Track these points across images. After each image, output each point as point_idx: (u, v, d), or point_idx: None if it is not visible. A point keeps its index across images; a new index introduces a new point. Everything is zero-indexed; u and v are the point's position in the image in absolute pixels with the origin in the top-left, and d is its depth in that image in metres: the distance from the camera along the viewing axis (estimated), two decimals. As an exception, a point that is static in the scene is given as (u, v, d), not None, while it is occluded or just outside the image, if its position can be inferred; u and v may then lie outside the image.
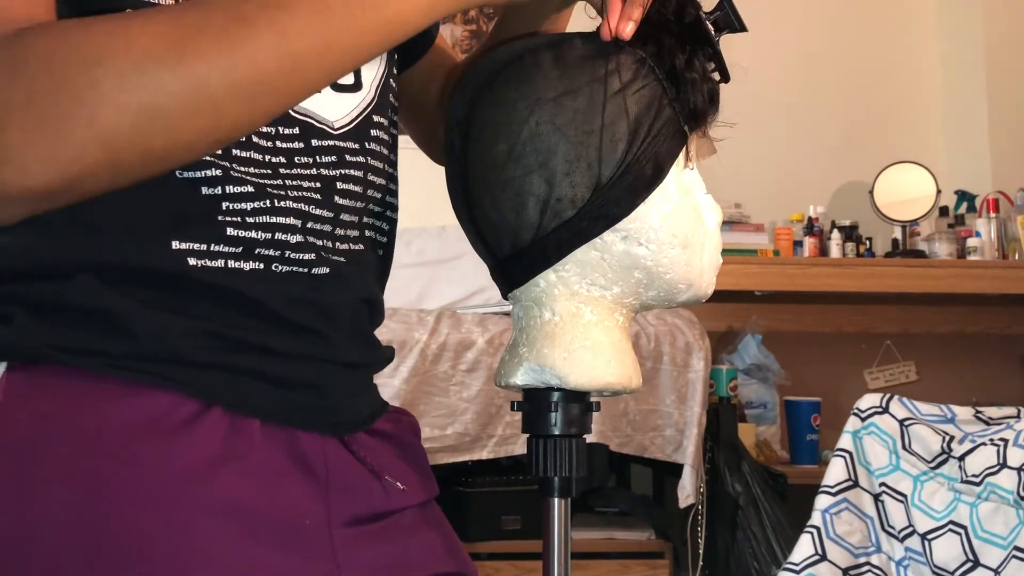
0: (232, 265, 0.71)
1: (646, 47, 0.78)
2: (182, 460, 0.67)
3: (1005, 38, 3.54)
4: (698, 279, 0.83)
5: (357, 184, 0.78)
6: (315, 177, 0.75)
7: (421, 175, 1.54)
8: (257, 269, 0.72)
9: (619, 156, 0.77)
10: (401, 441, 0.85)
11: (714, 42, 0.79)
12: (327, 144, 0.76)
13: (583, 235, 0.78)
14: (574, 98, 0.77)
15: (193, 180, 0.70)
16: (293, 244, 0.73)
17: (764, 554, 2.49)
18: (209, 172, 0.70)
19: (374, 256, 0.84)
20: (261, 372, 0.72)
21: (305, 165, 0.75)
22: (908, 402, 1.73)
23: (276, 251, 0.72)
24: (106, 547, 0.65)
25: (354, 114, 0.79)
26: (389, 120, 0.84)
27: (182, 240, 0.69)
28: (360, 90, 0.80)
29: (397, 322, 2.52)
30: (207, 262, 0.70)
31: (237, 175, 0.71)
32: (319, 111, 0.76)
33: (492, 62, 0.81)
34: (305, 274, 0.74)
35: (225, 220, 0.71)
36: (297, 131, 0.75)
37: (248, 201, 0.71)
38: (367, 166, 0.80)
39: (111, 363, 0.68)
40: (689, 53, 0.78)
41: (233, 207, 0.71)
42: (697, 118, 0.79)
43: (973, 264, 3.16)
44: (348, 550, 0.74)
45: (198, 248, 0.70)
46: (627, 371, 0.81)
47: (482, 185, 0.79)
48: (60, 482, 0.66)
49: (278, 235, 0.72)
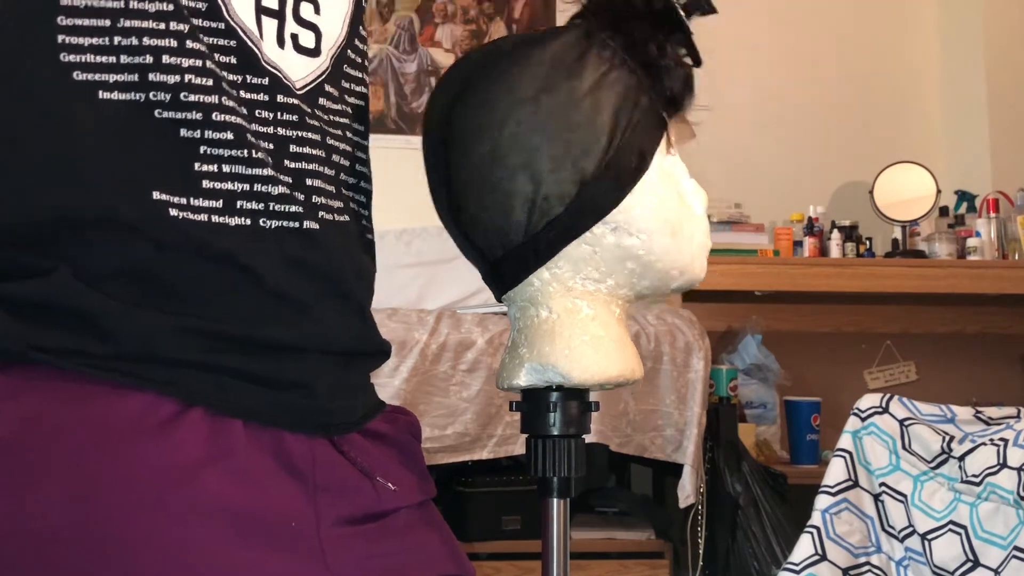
0: (216, 220, 0.69)
1: (617, 38, 0.79)
2: (165, 461, 0.66)
3: (1005, 38, 3.54)
4: (690, 264, 0.83)
5: (317, 148, 0.77)
6: (271, 137, 0.73)
7: (421, 175, 1.54)
8: (244, 225, 0.70)
9: (602, 149, 0.77)
10: (397, 441, 0.84)
11: (686, 26, 0.79)
12: (291, 102, 0.75)
13: (573, 230, 0.78)
14: (552, 95, 0.77)
15: (174, 120, 0.69)
16: (275, 196, 0.71)
17: (764, 554, 2.49)
18: (190, 115, 0.69)
19: (358, 228, 0.82)
20: (244, 372, 0.70)
21: (263, 121, 0.73)
22: (908, 402, 1.73)
23: (259, 204, 0.70)
24: (91, 549, 0.64)
25: (310, 78, 0.78)
26: (346, 91, 0.82)
27: (163, 191, 0.67)
28: (318, 56, 0.79)
29: (397, 322, 2.52)
30: (188, 215, 0.68)
31: (219, 119, 0.70)
32: (284, 67, 0.75)
33: (467, 65, 0.81)
34: (296, 230, 0.72)
35: (201, 171, 0.69)
36: (267, 82, 0.74)
37: (226, 148, 0.70)
38: (324, 131, 0.78)
39: (91, 363, 0.66)
40: (660, 40, 0.79)
41: (211, 152, 0.69)
42: (674, 104, 0.80)
43: (973, 264, 3.15)
44: (338, 551, 0.73)
45: (178, 201, 0.68)
46: (629, 363, 0.81)
47: (467, 189, 0.79)
48: (43, 484, 0.65)
49: (257, 187, 0.70)
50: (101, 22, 0.68)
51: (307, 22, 0.78)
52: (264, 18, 0.74)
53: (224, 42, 0.72)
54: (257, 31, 0.74)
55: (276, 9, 0.75)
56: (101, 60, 0.68)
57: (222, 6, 0.72)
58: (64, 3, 0.68)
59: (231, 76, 0.72)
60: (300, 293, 0.72)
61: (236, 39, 0.73)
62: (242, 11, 0.73)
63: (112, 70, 0.68)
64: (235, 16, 0.73)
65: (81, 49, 0.68)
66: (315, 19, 0.79)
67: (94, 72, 0.68)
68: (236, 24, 0.72)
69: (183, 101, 0.69)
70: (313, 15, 0.79)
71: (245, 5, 0.73)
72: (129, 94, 0.68)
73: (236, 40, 0.73)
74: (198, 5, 0.71)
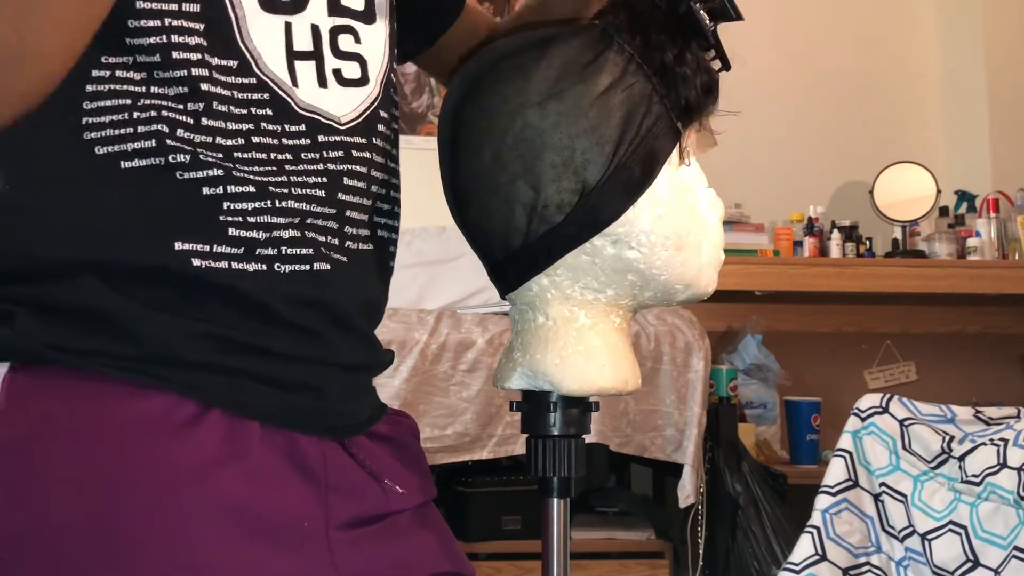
0: (236, 267, 0.71)
1: (634, 43, 0.77)
2: (181, 461, 0.67)
3: (1005, 38, 3.54)
4: (696, 278, 0.81)
5: (361, 180, 0.78)
6: (321, 172, 0.75)
7: (421, 175, 1.54)
8: (261, 271, 0.72)
9: (606, 159, 0.75)
10: (400, 444, 0.85)
11: (708, 33, 0.77)
12: (334, 139, 0.76)
13: (571, 241, 0.77)
14: (559, 101, 0.76)
15: (195, 180, 0.70)
16: (286, 240, 0.73)
17: (764, 554, 2.49)
18: (211, 172, 0.71)
19: (383, 255, 0.83)
20: (260, 374, 0.71)
21: (312, 161, 0.75)
22: (908, 402, 1.73)
23: (273, 250, 0.72)
24: (106, 547, 0.65)
25: (361, 108, 0.79)
26: (391, 115, 0.84)
27: (185, 241, 0.70)
28: (367, 84, 0.80)
29: (397, 322, 2.52)
30: (211, 263, 0.70)
31: (239, 175, 0.71)
32: (324, 107, 0.76)
33: (478, 63, 0.80)
34: (307, 272, 0.74)
35: (227, 220, 0.71)
36: (303, 128, 0.75)
37: (249, 201, 0.72)
38: (371, 162, 0.79)
39: (111, 364, 0.67)
40: (680, 46, 0.76)
41: (234, 207, 0.71)
42: (690, 113, 0.78)
43: (973, 264, 3.15)
44: (346, 552, 0.73)
45: (201, 249, 0.70)
46: (622, 374, 0.80)
47: (471, 191, 0.79)
48: (60, 482, 0.65)
49: (275, 233, 0.72)
50: (122, 101, 0.70)
51: (349, 53, 0.79)
52: (298, 63, 0.75)
53: (258, 96, 0.73)
54: (290, 79, 0.75)
55: (311, 51, 0.76)
56: (120, 132, 0.70)
57: (252, 62, 0.73)
58: (89, 90, 0.70)
59: (270, 126, 0.73)
60: (310, 324, 0.74)
61: (268, 92, 0.74)
62: (273, 62, 0.74)
63: (130, 139, 0.70)
64: (265, 69, 0.74)
65: (102, 126, 0.70)
66: (357, 48, 0.79)
67: (113, 144, 0.70)
68: (267, 77, 0.74)
69: (202, 161, 0.70)
70: (354, 45, 0.79)
71: (276, 55, 0.74)
72: (149, 159, 0.70)
73: (269, 92, 0.74)
74: (230, 64, 0.72)
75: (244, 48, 0.73)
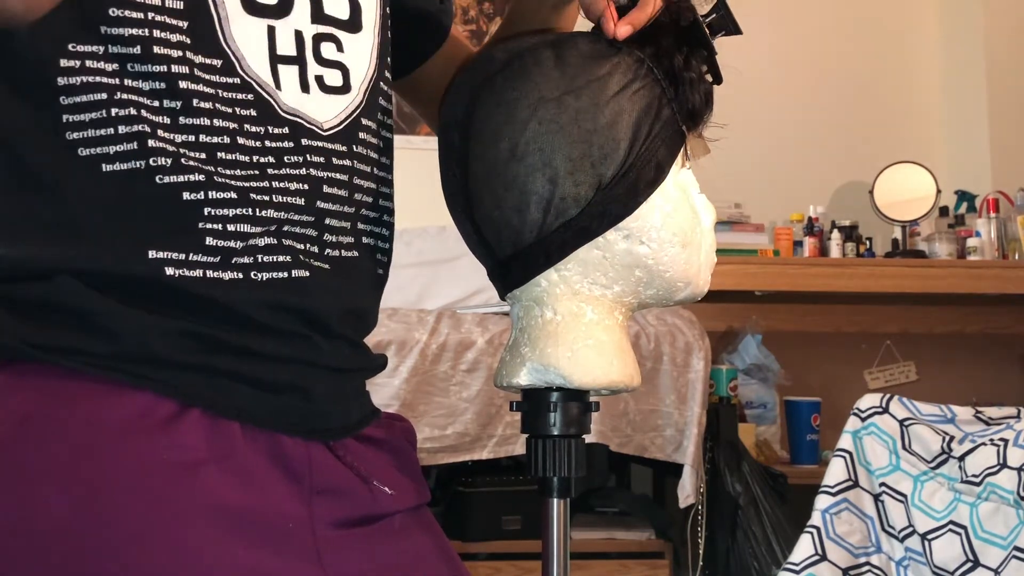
0: (211, 275, 0.71)
1: (645, 48, 0.79)
2: (163, 460, 0.67)
3: (1005, 38, 3.54)
4: (696, 277, 0.84)
5: (342, 188, 0.78)
6: (303, 178, 0.75)
7: (421, 175, 1.54)
8: (236, 278, 0.71)
9: (622, 155, 0.78)
10: (393, 447, 0.84)
11: (710, 45, 0.80)
12: (317, 145, 0.76)
13: (586, 234, 0.78)
14: (576, 97, 0.78)
15: (175, 184, 0.70)
16: (262, 247, 0.72)
17: (764, 554, 2.49)
18: (192, 177, 0.70)
19: (371, 263, 0.83)
20: (240, 374, 0.71)
21: (294, 165, 0.75)
22: (908, 402, 1.73)
23: (250, 258, 0.72)
24: (88, 546, 0.65)
25: (343, 116, 0.79)
26: (379, 123, 0.83)
27: (159, 249, 0.69)
28: (348, 92, 0.80)
29: (397, 322, 2.52)
30: (185, 272, 0.70)
31: (221, 180, 0.71)
32: (307, 111, 0.76)
33: (491, 61, 0.81)
34: (284, 279, 0.73)
35: (205, 228, 0.70)
36: (287, 130, 0.75)
37: (229, 207, 0.71)
38: (353, 169, 0.79)
39: (89, 362, 0.67)
40: (686, 54, 0.79)
41: (214, 213, 0.71)
42: (695, 118, 0.81)
43: (973, 264, 3.15)
44: (334, 552, 0.73)
45: (176, 258, 0.69)
46: (629, 369, 0.82)
47: (484, 185, 0.79)
48: (41, 482, 0.65)
49: (251, 241, 0.72)
50: (98, 96, 0.70)
51: (331, 61, 0.79)
52: (281, 66, 0.75)
53: (242, 96, 0.73)
54: (273, 82, 0.75)
55: (294, 56, 0.76)
56: (101, 133, 0.69)
57: (236, 62, 0.73)
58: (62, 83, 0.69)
59: (253, 128, 0.73)
60: (291, 327, 0.74)
61: (253, 93, 0.74)
62: (256, 64, 0.74)
63: (112, 141, 0.70)
64: (249, 70, 0.74)
65: (83, 125, 0.69)
66: (339, 57, 0.79)
67: (95, 146, 0.69)
68: (251, 78, 0.74)
69: (183, 165, 0.70)
70: (336, 53, 0.79)
71: (259, 57, 0.74)
72: (131, 163, 0.70)
73: (253, 94, 0.74)
74: (214, 62, 0.72)
75: (227, 48, 0.73)
